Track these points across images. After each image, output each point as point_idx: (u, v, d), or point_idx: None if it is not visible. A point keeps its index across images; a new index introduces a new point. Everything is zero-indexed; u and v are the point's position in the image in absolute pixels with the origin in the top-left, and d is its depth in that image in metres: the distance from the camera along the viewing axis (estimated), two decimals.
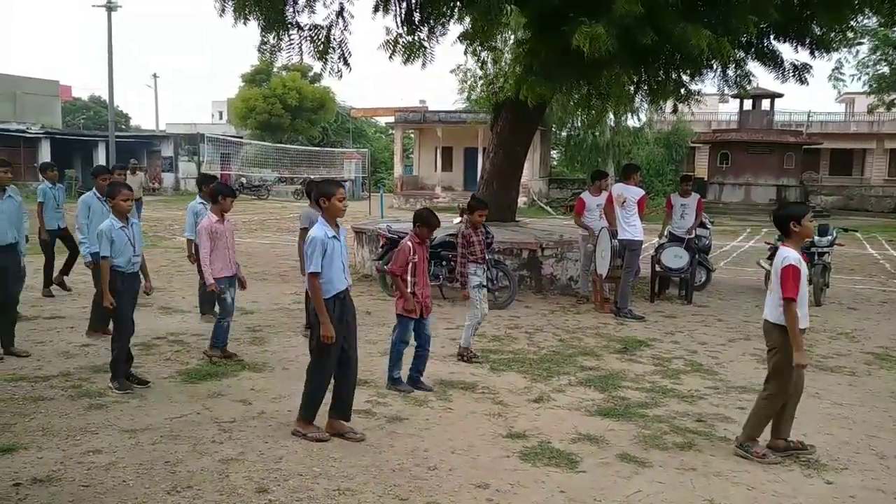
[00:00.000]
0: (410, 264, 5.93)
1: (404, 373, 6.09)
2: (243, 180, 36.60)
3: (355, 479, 4.29)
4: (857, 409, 5.91)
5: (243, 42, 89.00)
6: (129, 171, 15.01)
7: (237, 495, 4.06)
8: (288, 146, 43.01)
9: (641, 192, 9.58)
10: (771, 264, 11.63)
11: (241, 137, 44.52)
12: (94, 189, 8.03)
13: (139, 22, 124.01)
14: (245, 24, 10.47)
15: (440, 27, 11.44)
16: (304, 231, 7.50)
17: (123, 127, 54.71)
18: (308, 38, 10.98)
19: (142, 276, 6.15)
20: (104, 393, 5.70)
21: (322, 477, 4.32)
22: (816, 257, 10.67)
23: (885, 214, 33.89)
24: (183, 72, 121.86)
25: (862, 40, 29.76)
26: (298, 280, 11.23)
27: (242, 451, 4.66)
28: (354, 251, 11.87)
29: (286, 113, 45.75)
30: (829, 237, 10.91)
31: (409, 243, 5.97)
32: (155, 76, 52.01)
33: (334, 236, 4.79)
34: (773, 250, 11.79)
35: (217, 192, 6.80)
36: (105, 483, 4.15)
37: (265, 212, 27.99)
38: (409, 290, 5.90)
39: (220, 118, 64.41)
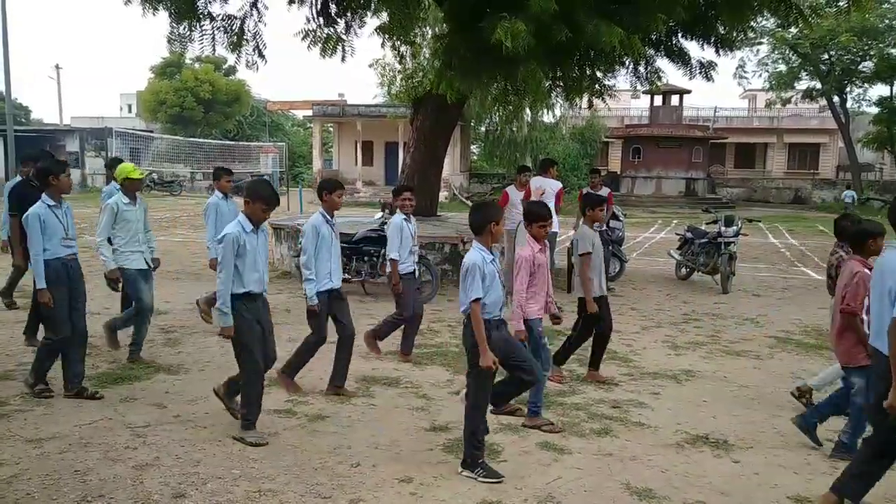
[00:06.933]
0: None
1: None
2: (154, 176, 35.29)
3: (276, 480, 4.22)
4: (762, 391, 6.24)
5: (153, 33, 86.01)
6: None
7: (152, 502, 3.92)
8: (201, 140, 41.72)
9: (559, 184, 9.91)
10: (681, 254, 12.21)
11: (152, 132, 42.88)
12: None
13: (39, 10, 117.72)
14: (154, 14, 10.11)
15: (357, 20, 11.35)
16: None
17: (23, 121, 51.76)
18: (221, 29, 10.68)
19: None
20: (6, 402, 5.40)
21: (242, 479, 4.22)
22: (723, 247, 11.19)
23: (785, 205, 35.81)
24: (89, 64, 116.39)
25: (761, 40, 31.38)
26: (214, 279, 10.93)
27: (158, 456, 4.50)
28: (273, 248, 11.65)
29: (199, 106, 44.43)
30: (735, 227, 11.43)
31: (864, 269, 4.55)
32: (58, 67, 49.25)
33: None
34: (684, 241, 12.33)
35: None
36: (7, 497, 3.93)
37: (178, 208, 27.11)
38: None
39: (130, 112, 61.87)
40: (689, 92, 34.91)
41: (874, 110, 35.00)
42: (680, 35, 11.80)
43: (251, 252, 4.75)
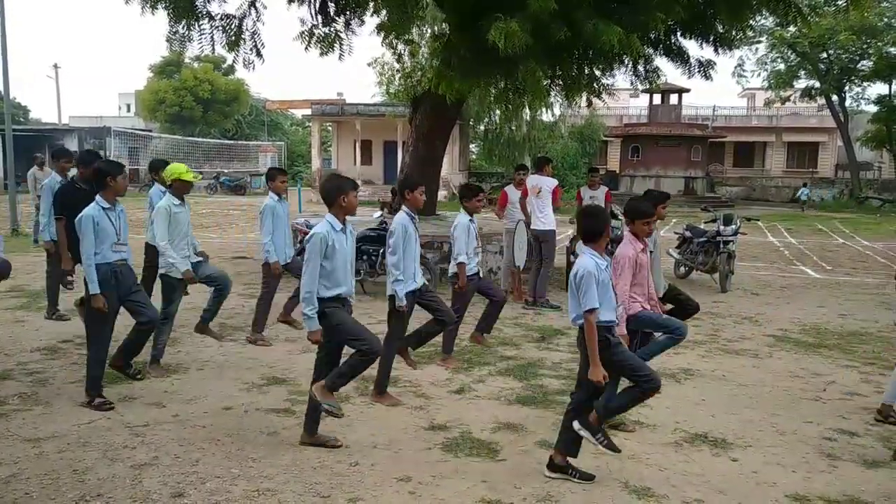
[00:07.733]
0: None
1: None
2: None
3: (275, 479, 4.22)
4: (760, 389, 6.24)
5: (152, 32, 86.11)
6: (36, 167, 14.32)
7: (151, 501, 3.92)
8: (200, 139, 41.72)
9: (555, 182, 9.94)
10: (679, 253, 12.20)
11: (151, 131, 42.88)
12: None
13: (38, 10, 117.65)
14: (153, 13, 10.10)
15: (356, 19, 11.33)
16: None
17: (22, 120, 51.71)
18: (220, 29, 10.67)
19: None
20: (4, 401, 5.40)
21: (241, 478, 4.22)
22: (722, 246, 11.19)
23: (784, 204, 35.81)
24: (87, 63, 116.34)
25: (760, 39, 31.41)
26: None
27: (156, 455, 4.51)
28: None
29: (198, 105, 44.42)
30: (733, 226, 11.43)
31: None
32: (56, 67, 49.17)
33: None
34: (682, 240, 12.32)
35: (635, 210, 5.00)
36: (5, 497, 3.93)
37: None
38: None
39: (128, 111, 61.85)
40: (687, 91, 34.92)
41: (873, 109, 35.08)
42: (679, 34, 11.78)
43: (341, 252, 4.54)
